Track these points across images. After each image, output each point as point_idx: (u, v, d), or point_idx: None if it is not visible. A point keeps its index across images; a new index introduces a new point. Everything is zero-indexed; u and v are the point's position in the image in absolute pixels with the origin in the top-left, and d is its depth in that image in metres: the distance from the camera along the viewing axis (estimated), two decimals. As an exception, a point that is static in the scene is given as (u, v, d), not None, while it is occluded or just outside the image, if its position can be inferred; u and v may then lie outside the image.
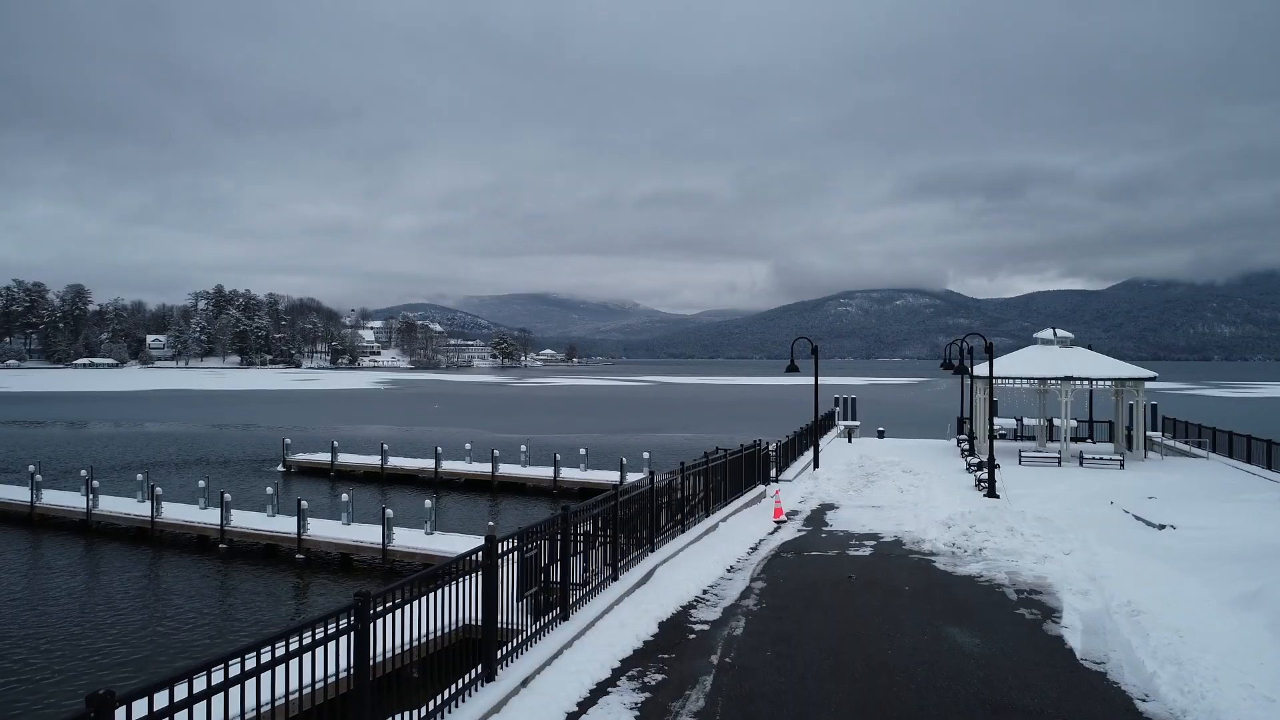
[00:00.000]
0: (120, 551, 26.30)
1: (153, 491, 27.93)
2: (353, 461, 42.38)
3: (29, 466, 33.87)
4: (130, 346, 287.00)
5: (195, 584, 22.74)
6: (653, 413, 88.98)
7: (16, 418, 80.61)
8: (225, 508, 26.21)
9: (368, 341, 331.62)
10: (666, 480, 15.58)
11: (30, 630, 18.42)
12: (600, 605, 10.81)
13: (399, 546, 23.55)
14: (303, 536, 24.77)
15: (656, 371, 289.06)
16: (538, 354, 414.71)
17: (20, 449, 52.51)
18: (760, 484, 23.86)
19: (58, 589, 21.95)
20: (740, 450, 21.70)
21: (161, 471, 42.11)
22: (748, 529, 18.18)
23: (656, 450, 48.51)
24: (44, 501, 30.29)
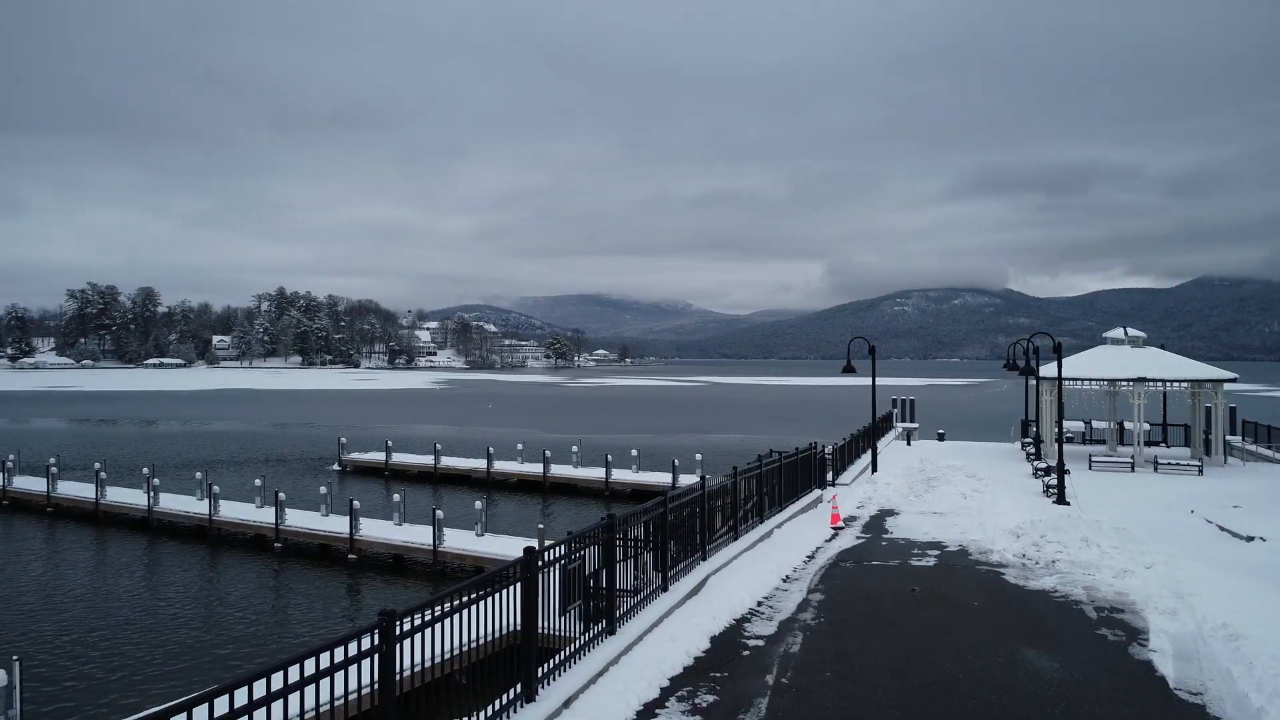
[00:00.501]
0: (179, 549, 26.66)
1: (210, 490, 28.30)
2: (406, 461, 42.62)
3: (95, 464, 34.69)
4: (197, 347, 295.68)
5: (250, 583, 22.87)
6: (705, 413, 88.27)
7: (90, 416, 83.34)
8: (280, 507, 26.38)
9: (424, 342, 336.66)
10: (719, 484, 15.03)
11: (91, 628, 18.62)
12: (649, 618, 10.32)
13: (449, 548, 23.38)
14: (355, 537, 24.77)
15: (709, 372, 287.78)
16: (591, 354, 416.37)
17: (90, 447, 54.07)
18: (816, 488, 23.13)
19: (119, 587, 22.26)
20: (795, 453, 21.03)
21: (221, 470, 42.89)
22: (804, 536, 17.52)
23: (709, 452, 47.86)
24: (108, 499, 30.93)
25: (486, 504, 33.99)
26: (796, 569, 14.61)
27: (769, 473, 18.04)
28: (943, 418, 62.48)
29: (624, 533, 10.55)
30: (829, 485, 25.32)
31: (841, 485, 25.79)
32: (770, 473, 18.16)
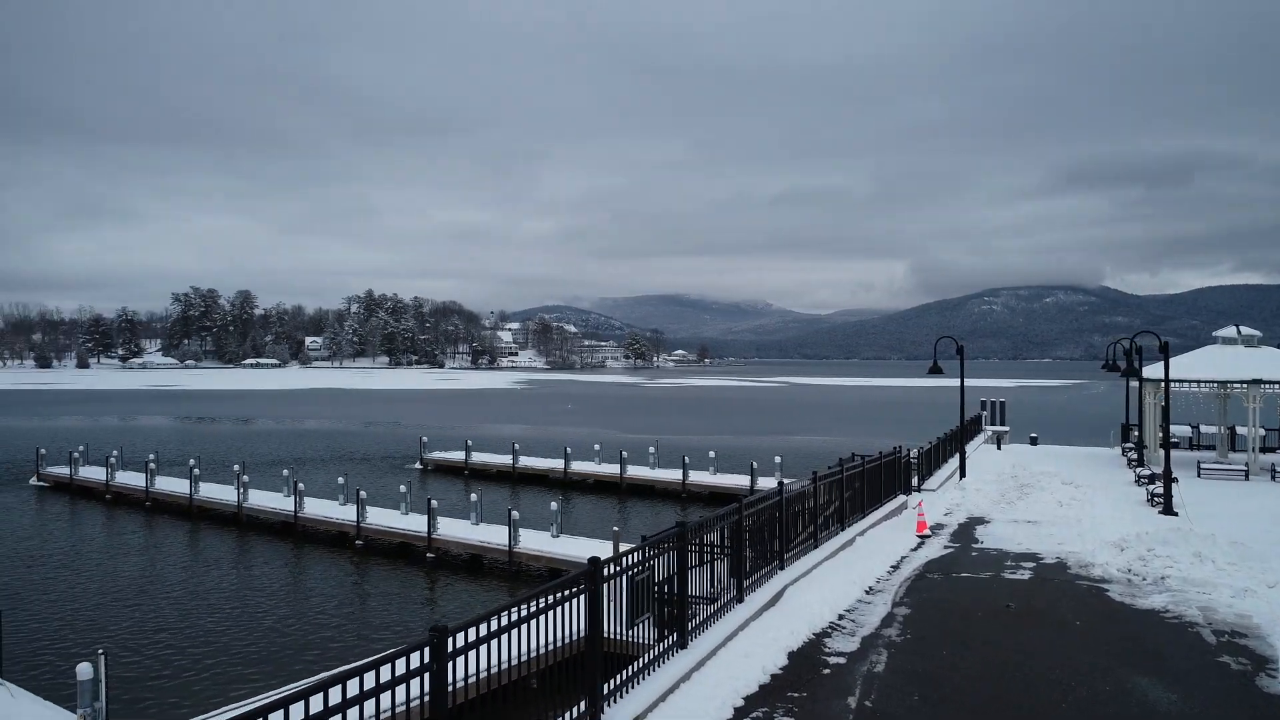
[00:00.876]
0: (266, 544, 27.35)
1: (296, 487, 28.96)
2: (485, 460, 43.04)
3: (190, 461, 36.01)
4: (291, 347, 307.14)
5: (332, 581, 23.23)
6: (785, 415, 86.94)
7: (190, 414, 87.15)
8: (361, 505, 26.79)
9: (506, 343, 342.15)
10: (798, 489, 14.43)
11: (178, 622, 19.14)
12: (723, 630, 9.84)
13: (525, 549, 23.31)
14: (433, 536, 24.95)
15: (789, 372, 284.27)
16: (670, 354, 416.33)
17: (187, 444, 56.38)
18: (900, 494, 22.21)
19: (207, 581, 22.89)
20: (879, 457, 20.19)
21: (308, 467, 44.09)
22: (887, 545, 16.74)
23: (789, 454, 46.92)
24: (200, 494, 32.01)
25: (563, 504, 34.01)
26: (880, 580, 13.90)
27: (850, 477, 17.31)
28: (1035, 420, 59.89)
29: (698, 540, 10.10)
30: (914, 491, 24.32)
31: (927, 491, 24.74)
32: (852, 477, 17.43)
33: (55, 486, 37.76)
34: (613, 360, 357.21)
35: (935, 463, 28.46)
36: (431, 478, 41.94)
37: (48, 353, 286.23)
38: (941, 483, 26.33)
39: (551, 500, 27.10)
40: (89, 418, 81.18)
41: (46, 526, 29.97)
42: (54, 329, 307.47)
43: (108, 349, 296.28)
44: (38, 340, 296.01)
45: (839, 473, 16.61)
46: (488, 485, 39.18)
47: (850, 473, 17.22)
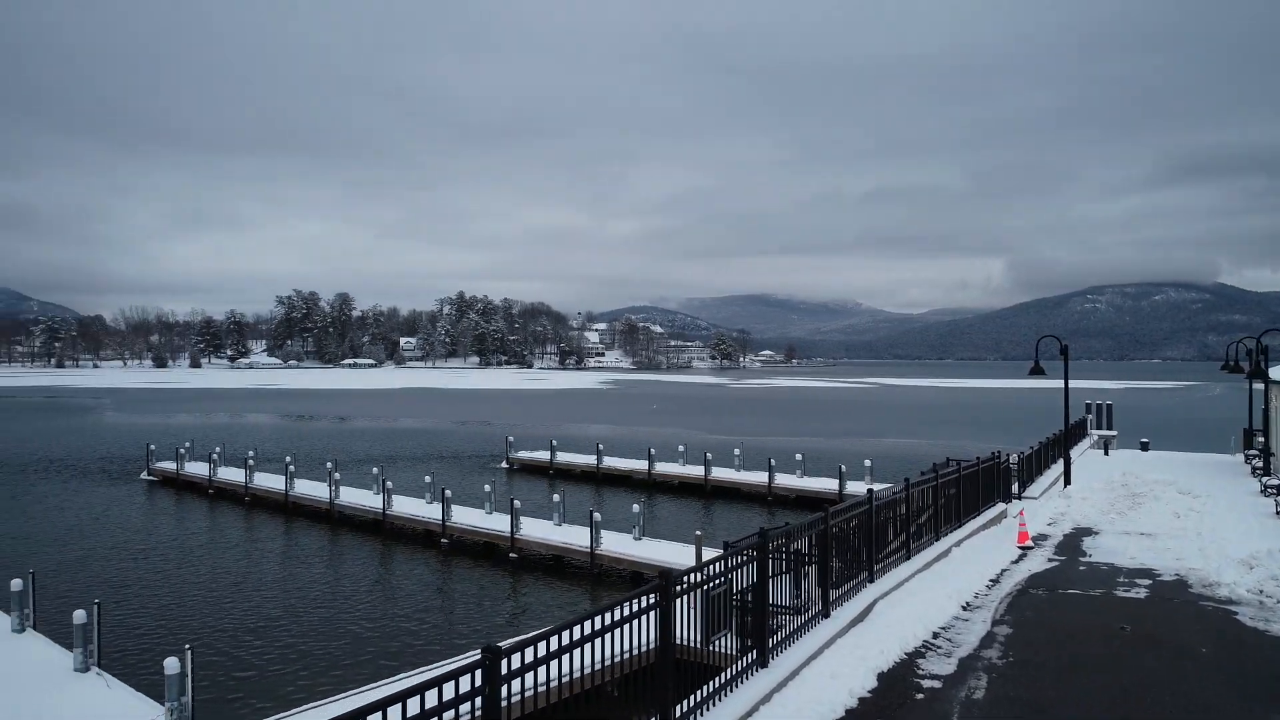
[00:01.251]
0: (356, 541, 27.89)
1: (384, 485, 29.45)
2: (570, 460, 43.13)
3: (286, 458, 37.16)
4: (386, 348, 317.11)
5: (418, 579, 23.44)
6: (875, 417, 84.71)
7: (291, 412, 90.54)
8: (446, 504, 27.04)
9: (593, 343, 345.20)
10: (889, 496, 13.69)
11: (269, 617, 19.58)
12: (807, 648, 9.27)
13: (606, 551, 23.05)
14: (515, 536, 24.96)
15: (880, 373, 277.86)
16: (756, 355, 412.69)
17: (286, 441, 58.44)
18: (1000, 502, 21.03)
19: (300, 576, 23.43)
20: (976, 463, 19.13)
21: (399, 465, 45.01)
22: (986, 556, 15.77)
23: (879, 458, 45.48)
24: (295, 490, 32.94)
25: (647, 506, 33.68)
26: (978, 595, 13.03)
27: (946, 484, 16.40)
28: (1145, 424, 56.60)
29: (782, 550, 9.55)
30: (1014, 499, 23.05)
31: (1029, 499, 23.43)
32: (947, 484, 16.51)
33: (163, 481, 39.54)
34: (699, 361, 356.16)
35: (1037, 469, 26.98)
36: (517, 477, 42.26)
37: (164, 353, 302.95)
38: (1044, 490, 24.92)
39: (634, 502, 26.80)
40: (199, 415, 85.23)
41: (152, 520, 31.31)
42: (169, 330, 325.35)
43: (217, 349, 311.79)
44: (155, 341, 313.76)
45: (933, 479, 15.75)
46: (572, 485, 39.21)
47: (945, 479, 16.32)
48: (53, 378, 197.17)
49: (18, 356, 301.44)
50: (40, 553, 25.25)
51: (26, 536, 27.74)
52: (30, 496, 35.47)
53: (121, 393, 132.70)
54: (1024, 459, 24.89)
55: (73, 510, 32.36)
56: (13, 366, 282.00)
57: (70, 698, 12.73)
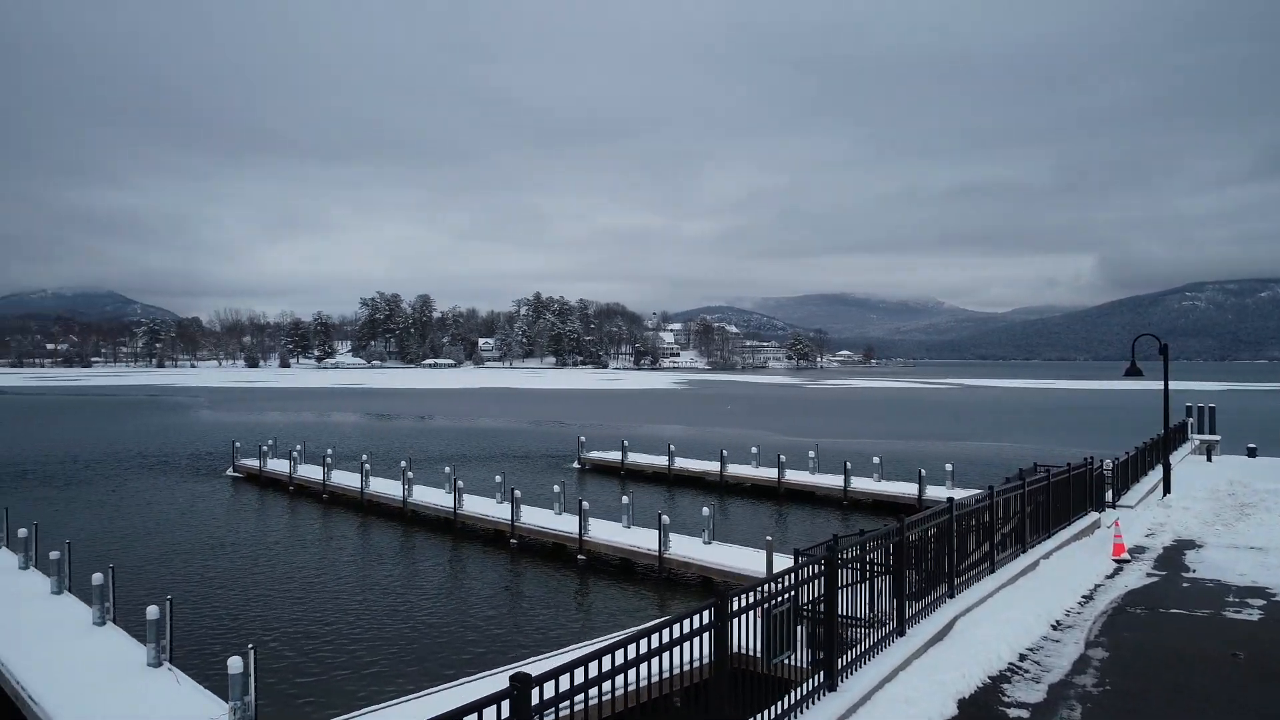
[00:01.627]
0: (428, 540, 28.08)
1: (455, 484, 29.59)
2: (641, 461, 42.79)
3: (363, 456, 37.81)
4: (465, 348, 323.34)
5: (487, 580, 23.37)
6: (957, 419, 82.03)
7: (372, 411, 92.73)
8: (515, 504, 26.96)
9: (667, 344, 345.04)
10: (971, 505, 12.86)
11: (338, 615, 19.74)
12: (879, 670, 8.62)
13: (675, 555, 22.57)
14: (584, 538, 24.69)
15: (962, 374, 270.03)
16: (833, 355, 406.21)
17: (366, 439, 59.71)
18: (1092, 511, 19.79)
19: (373, 575, 23.64)
20: (1067, 469, 17.98)
21: (473, 464, 45.42)
22: (1078, 570, 14.74)
23: (961, 462, 43.84)
24: (371, 488, 33.41)
25: (719, 509, 33.07)
26: (1070, 613, 12.12)
27: (1034, 491, 15.40)
28: (1251, 429, 53.30)
29: (853, 562, 8.92)
30: (1108, 508, 21.71)
31: (1124, 508, 22.04)
32: (1036, 491, 15.51)
33: (247, 477, 40.73)
34: (775, 361, 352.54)
35: (1133, 476, 25.41)
36: (589, 477, 42.13)
37: (255, 353, 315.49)
38: (1141, 499, 23.43)
39: (705, 504, 26.25)
40: (285, 413, 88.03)
41: (234, 516, 32.15)
42: (260, 332, 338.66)
43: (305, 350, 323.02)
44: (247, 342, 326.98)
45: (1020, 486, 14.80)
46: (643, 486, 38.86)
47: (1033, 486, 15.32)
48: (153, 377, 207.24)
49: (122, 356, 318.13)
50: (127, 547, 26.16)
51: (116, 531, 28.81)
52: (123, 491, 36.93)
53: (214, 391, 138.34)
54: (1119, 465, 23.44)
55: (160, 506, 33.52)
56: (117, 366, 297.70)
57: (140, 693, 12.90)
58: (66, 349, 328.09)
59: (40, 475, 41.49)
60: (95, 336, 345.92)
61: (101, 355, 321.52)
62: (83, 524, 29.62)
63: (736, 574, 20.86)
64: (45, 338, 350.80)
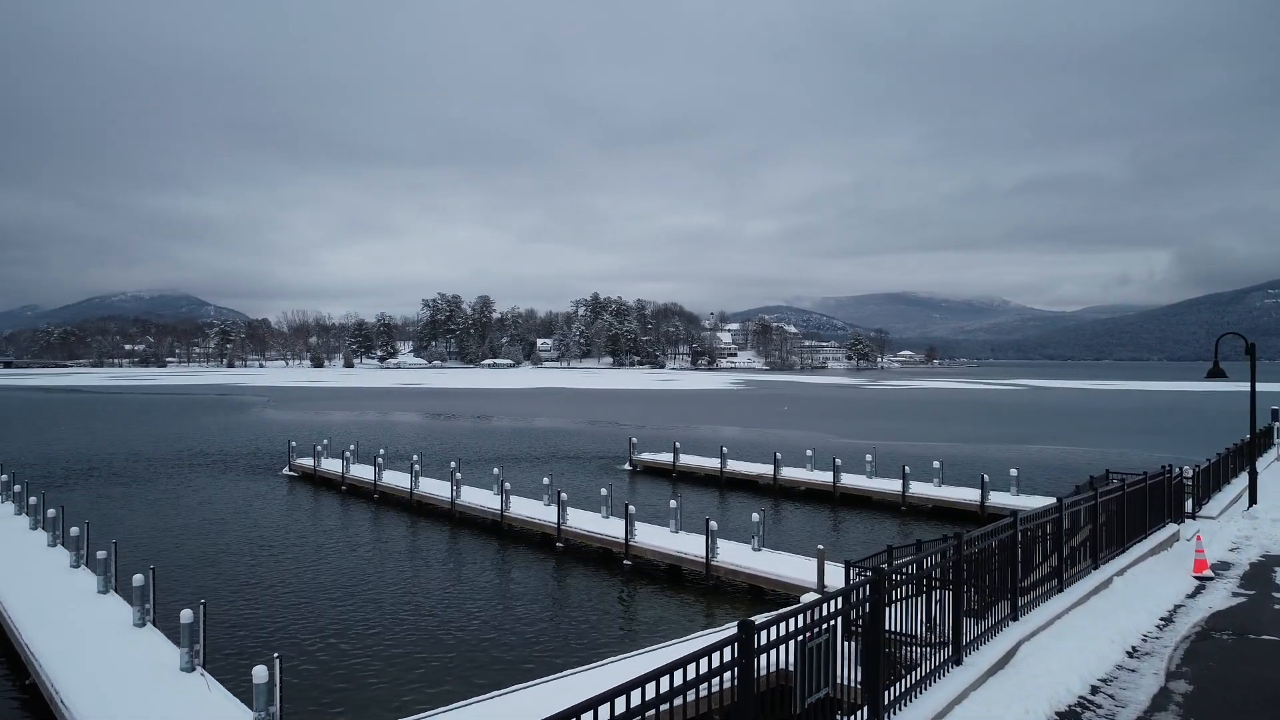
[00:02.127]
0: (474, 542, 27.80)
1: (502, 486, 29.25)
2: (693, 463, 42.01)
3: (414, 456, 37.85)
4: (524, 348, 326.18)
5: (532, 584, 22.95)
6: (1024, 421, 79.30)
7: (431, 410, 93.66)
8: (562, 507, 26.51)
9: (725, 344, 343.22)
10: (1036, 519, 11.89)
11: (377, 620, 19.50)
12: (933, 704, 7.82)
13: (722, 562, 21.82)
14: (630, 543, 24.10)
15: (1029, 374, 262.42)
16: (895, 355, 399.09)
17: (422, 439, 60.14)
18: (1170, 522, 18.46)
19: (420, 578, 23.42)
20: (1143, 477, 16.75)
21: (523, 465, 45.24)
22: (1155, 589, 13.60)
23: (1028, 467, 42.14)
24: (420, 489, 33.34)
25: (772, 513, 32.18)
26: (1147, 638, 11.07)
27: (1107, 502, 14.29)
28: (1344, 434, 50.05)
29: (909, 581, 8.13)
30: (1188, 518, 20.32)
31: (1205, 519, 20.60)
32: (1109, 502, 14.39)
33: (302, 477, 41.13)
34: (834, 361, 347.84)
35: (1215, 484, 23.84)
36: (640, 479, 41.54)
37: (320, 354, 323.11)
38: (1224, 509, 21.91)
39: (757, 509, 25.44)
40: (345, 412, 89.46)
41: (286, 516, 32.34)
42: (326, 333, 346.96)
43: (368, 350, 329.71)
44: (313, 343, 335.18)
45: (1091, 497, 13.70)
46: (694, 489, 38.15)
47: (1106, 497, 14.21)
48: (222, 376, 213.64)
49: (195, 356, 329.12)
50: (177, 546, 26.41)
51: (169, 529, 29.17)
52: (181, 490, 37.60)
53: (279, 391, 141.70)
54: (1200, 473, 21.97)
55: (215, 504, 33.97)
56: (190, 366, 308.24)
57: (169, 696, 12.71)
58: (143, 349, 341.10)
59: (105, 473, 42.58)
60: (170, 338, 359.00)
61: (176, 355, 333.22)
62: (138, 522, 30.14)
63: (786, 584, 20.05)
64: (124, 339, 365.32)
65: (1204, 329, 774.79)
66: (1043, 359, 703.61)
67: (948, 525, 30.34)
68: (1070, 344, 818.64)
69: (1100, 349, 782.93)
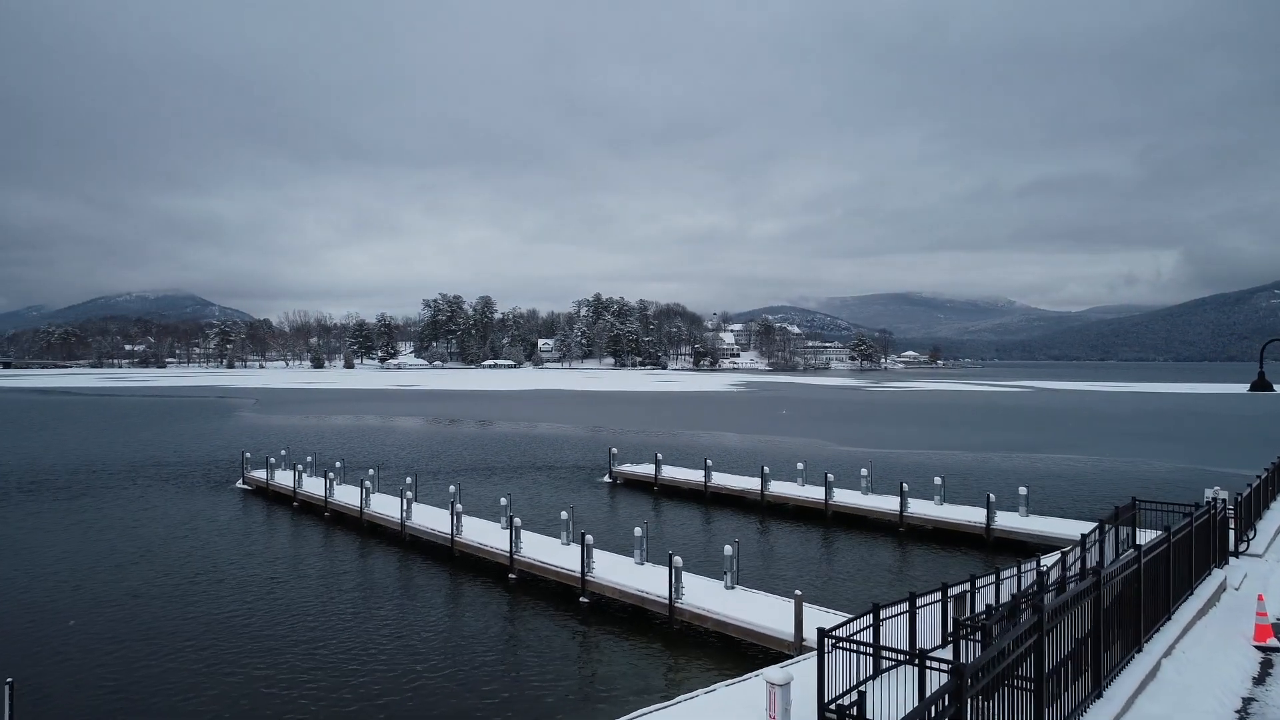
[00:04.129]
0: (424, 570, 24.91)
1: (454, 508, 26.33)
2: (676, 476, 39.01)
3: (369, 470, 35.03)
4: (525, 349, 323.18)
5: (479, 625, 20.05)
6: (1030, 427, 76.14)
7: (418, 413, 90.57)
8: (516, 533, 23.61)
9: (728, 344, 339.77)
10: (1061, 594, 8.95)
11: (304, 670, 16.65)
12: None
13: (689, 604, 18.89)
14: (588, 577, 21.18)
15: (1034, 376, 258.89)
16: (898, 355, 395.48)
17: (393, 447, 57.19)
18: (1215, 567, 15.49)
19: (358, 614, 20.57)
20: (1187, 523, 13.76)
21: (495, 477, 42.30)
22: (1213, 673, 10.66)
23: (1039, 479, 39.25)
24: (371, 508, 30.49)
25: (757, 535, 29.26)
26: (1219, 765, 8.12)
27: (1153, 562, 11.33)
28: (1374, 443, 47.04)
29: None
30: (1231, 556, 17.36)
31: (1251, 558, 17.66)
32: (1154, 561, 11.43)
33: (256, 491, 38.29)
34: (837, 362, 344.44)
35: (1255, 511, 20.84)
36: (619, 494, 38.55)
37: (320, 354, 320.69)
38: (1270, 543, 18.94)
39: (741, 530, 22.54)
40: (329, 416, 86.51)
41: (226, 538, 29.43)
42: (327, 333, 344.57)
43: (369, 351, 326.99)
44: (314, 343, 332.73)
45: (1135, 563, 10.72)
46: (676, 505, 35.25)
47: (1151, 557, 11.23)
48: (219, 377, 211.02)
49: (195, 357, 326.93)
50: (78, 586, 23.49)
51: (84, 559, 26.29)
52: (123, 507, 34.74)
53: (272, 392, 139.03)
54: (1242, 501, 18.99)
55: (151, 525, 31.12)
56: (190, 366, 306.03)
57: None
58: (143, 350, 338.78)
59: (48, 486, 39.68)
60: (170, 338, 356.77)
61: (176, 356, 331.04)
62: (53, 549, 27.16)
63: (759, 633, 17.17)
64: (124, 339, 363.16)
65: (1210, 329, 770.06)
66: (1048, 359, 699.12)
67: (948, 549, 27.38)
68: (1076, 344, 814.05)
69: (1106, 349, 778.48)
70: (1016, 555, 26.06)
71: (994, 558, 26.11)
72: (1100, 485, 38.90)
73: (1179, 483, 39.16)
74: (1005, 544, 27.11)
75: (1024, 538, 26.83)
